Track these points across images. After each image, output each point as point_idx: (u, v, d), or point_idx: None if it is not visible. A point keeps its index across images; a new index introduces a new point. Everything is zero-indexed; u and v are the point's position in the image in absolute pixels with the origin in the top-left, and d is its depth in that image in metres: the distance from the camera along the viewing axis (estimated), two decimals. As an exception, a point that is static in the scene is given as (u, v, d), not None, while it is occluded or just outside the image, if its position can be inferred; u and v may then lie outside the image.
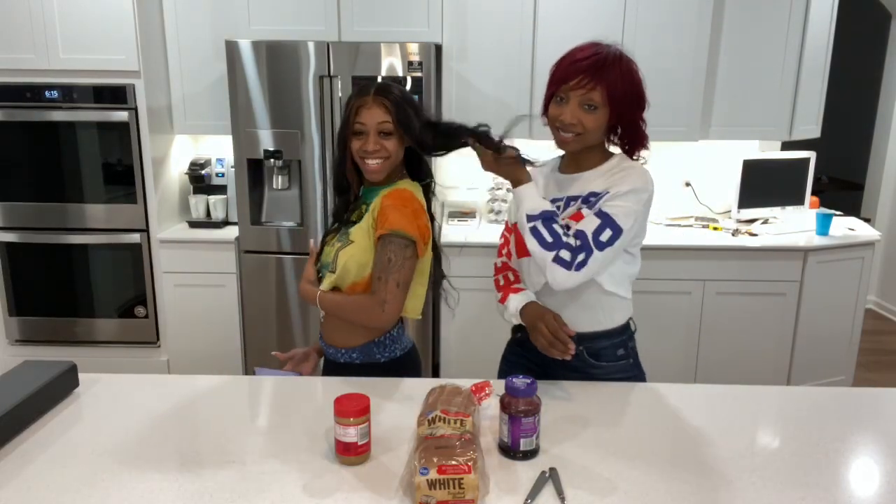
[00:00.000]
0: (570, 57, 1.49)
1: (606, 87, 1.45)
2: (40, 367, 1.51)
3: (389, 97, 1.59)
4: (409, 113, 1.59)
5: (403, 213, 1.57)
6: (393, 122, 1.58)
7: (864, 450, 1.30)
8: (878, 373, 3.85)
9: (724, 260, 3.16)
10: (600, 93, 1.45)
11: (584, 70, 1.45)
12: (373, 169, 1.60)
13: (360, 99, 1.60)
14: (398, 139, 1.60)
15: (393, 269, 1.56)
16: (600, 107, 1.47)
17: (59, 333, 3.36)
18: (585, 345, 1.57)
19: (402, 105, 1.59)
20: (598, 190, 1.52)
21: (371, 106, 1.58)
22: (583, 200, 1.53)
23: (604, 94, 1.45)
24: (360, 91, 1.62)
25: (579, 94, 1.46)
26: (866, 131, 5.02)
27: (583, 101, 1.46)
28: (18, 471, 1.22)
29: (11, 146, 3.14)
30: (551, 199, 1.56)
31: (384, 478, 1.20)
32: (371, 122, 1.58)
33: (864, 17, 5.19)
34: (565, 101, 1.48)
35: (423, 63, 2.97)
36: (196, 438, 1.34)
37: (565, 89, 1.47)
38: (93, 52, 3.03)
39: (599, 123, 1.48)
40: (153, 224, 3.24)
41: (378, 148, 1.58)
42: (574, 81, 1.46)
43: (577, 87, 1.46)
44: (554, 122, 1.51)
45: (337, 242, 1.66)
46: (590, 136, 1.50)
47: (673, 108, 3.27)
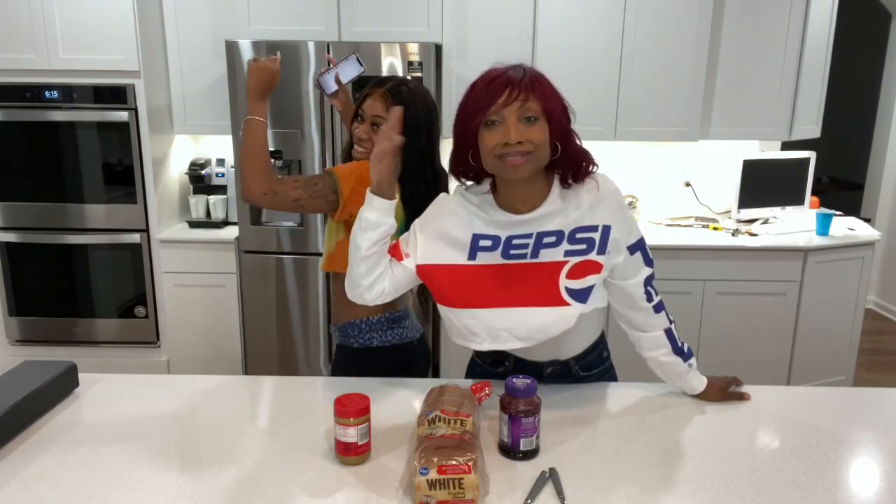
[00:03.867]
0: (483, 80, 1.32)
1: (538, 95, 1.29)
2: (40, 367, 1.51)
3: (396, 97, 1.59)
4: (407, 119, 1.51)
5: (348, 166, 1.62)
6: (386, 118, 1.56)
7: (864, 450, 1.30)
8: (878, 373, 3.85)
9: (724, 260, 3.16)
10: (535, 102, 1.28)
11: (510, 82, 1.29)
12: (357, 156, 1.65)
13: (371, 88, 1.63)
14: None
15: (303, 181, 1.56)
16: (539, 118, 1.29)
17: (59, 333, 3.36)
18: (580, 363, 1.54)
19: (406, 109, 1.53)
20: (583, 224, 1.37)
21: (376, 98, 1.61)
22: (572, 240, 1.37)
23: (539, 104, 1.28)
24: (378, 81, 1.65)
25: (514, 108, 1.27)
26: (866, 131, 5.02)
27: (521, 115, 1.28)
28: (18, 471, 1.22)
29: (11, 146, 3.14)
30: (510, 236, 1.38)
31: (384, 478, 1.20)
32: (369, 111, 1.62)
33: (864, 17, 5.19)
34: (500, 122, 1.28)
35: (423, 63, 2.97)
36: (196, 438, 1.34)
37: (495, 110, 1.28)
38: (93, 52, 3.03)
39: (545, 136, 1.29)
40: (153, 224, 3.24)
41: (366, 138, 1.62)
42: (504, 96, 1.27)
43: (510, 102, 1.27)
44: (493, 152, 1.29)
45: None
46: (540, 154, 1.30)
47: (673, 108, 3.27)
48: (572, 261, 1.37)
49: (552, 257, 1.37)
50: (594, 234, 1.37)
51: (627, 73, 3.23)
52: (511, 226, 1.39)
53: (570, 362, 1.53)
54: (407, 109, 1.54)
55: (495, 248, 1.39)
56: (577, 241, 1.37)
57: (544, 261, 1.38)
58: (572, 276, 1.37)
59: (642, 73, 3.23)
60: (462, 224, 1.41)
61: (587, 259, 1.37)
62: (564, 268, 1.37)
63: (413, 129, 1.56)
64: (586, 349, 1.55)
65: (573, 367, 1.54)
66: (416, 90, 1.65)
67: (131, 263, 3.27)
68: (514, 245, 1.39)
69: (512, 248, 1.39)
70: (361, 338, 1.70)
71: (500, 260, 1.39)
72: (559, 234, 1.37)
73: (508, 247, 1.39)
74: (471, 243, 1.40)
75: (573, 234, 1.37)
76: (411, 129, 1.55)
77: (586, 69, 3.23)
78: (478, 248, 1.40)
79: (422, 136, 1.62)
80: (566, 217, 1.38)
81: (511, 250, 1.39)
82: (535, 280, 1.38)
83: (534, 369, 1.53)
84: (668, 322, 1.49)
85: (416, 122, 1.59)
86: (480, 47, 3.20)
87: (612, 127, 3.28)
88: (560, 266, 1.37)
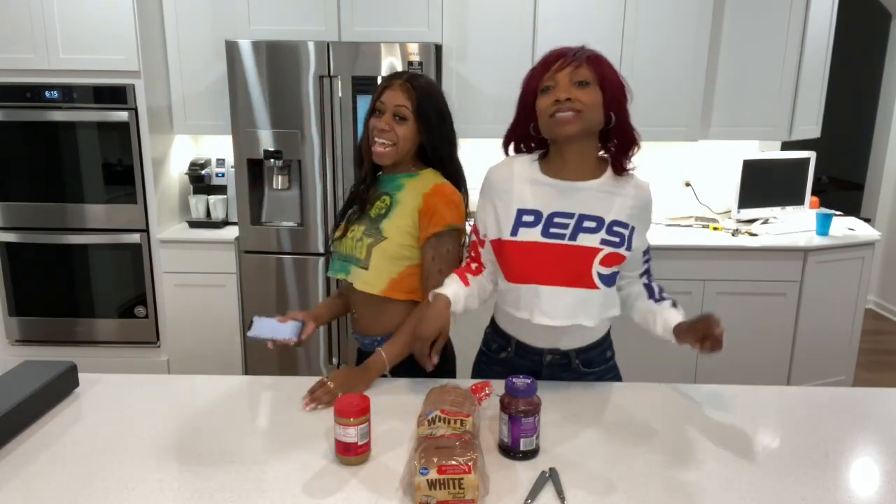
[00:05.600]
0: (544, 57, 1.43)
1: (593, 65, 1.38)
2: (40, 367, 1.51)
3: (415, 84, 1.58)
4: (430, 107, 1.58)
5: (451, 208, 1.59)
6: (411, 108, 1.56)
7: (864, 450, 1.30)
8: (878, 373, 3.85)
9: (724, 260, 3.16)
10: (588, 69, 1.37)
11: (565, 52, 1.39)
12: (379, 153, 1.59)
13: (388, 81, 1.61)
14: (412, 128, 1.58)
15: (452, 257, 1.62)
16: (592, 83, 1.37)
17: (59, 333, 3.36)
18: (581, 357, 1.56)
19: (426, 97, 1.58)
20: (621, 219, 1.46)
21: (395, 88, 1.58)
22: (609, 231, 1.44)
23: (592, 72, 1.38)
24: (392, 75, 1.63)
25: (567, 73, 1.37)
26: (866, 131, 5.02)
27: (573, 79, 1.37)
28: (18, 471, 1.22)
29: (11, 146, 3.14)
30: (552, 213, 1.45)
31: (384, 478, 1.20)
32: (390, 102, 1.57)
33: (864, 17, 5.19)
34: (553, 87, 1.39)
35: (423, 63, 2.97)
36: (196, 438, 1.34)
37: (549, 76, 1.39)
38: (93, 52, 3.03)
39: (596, 100, 1.38)
40: (153, 224, 3.23)
41: (388, 129, 1.57)
42: (558, 63, 1.38)
43: (563, 67, 1.37)
44: (546, 112, 1.39)
45: (366, 237, 1.62)
46: (590, 115, 1.38)
47: (673, 108, 3.27)
48: (606, 250, 1.44)
49: (589, 243, 1.44)
50: (626, 230, 1.46)
51: (627, 74, 3.18)
52: (555, 195, 1.45)
53: (571, 354, 1.54)
54: (429, 98, 1.58)
55: (536, 223, 1.45)
56: (614, 233, 1.45)
57: (581, 244, 1.44)
58: (605, 264, 1.44)
59: (642, 73, 3.23)
60: (507, 198, 1.48)
61: (617, 252, 1.45)
62: (599, 255, 1.43)
63: (440, 117, 1.60)
64: (589, 344, 1.56)
65: (573, 360, 1.55)
66: (430, 81, 1.65)
67: (131, 263, 3.27)
68: (555, 223, 1.44)
69: (552, 227, 1.45)
70: None
71: (540, 238, 1.45)
72: (600, 221, 1.45)
73: (549, 224, 1.45)
74: (514, 218, 1.47)
75: (611, 226, 1.45)
76: (439, 116, 1.60)
77: (586, 69, 3.22)
78: (520, 223, 1.46)
79: (447, 123, 1.63)
80: (610, 205, 1.46)
81: (551, 228, 1.45)
82: (569, 262, 1.44)
83: (534, 355, 1.54)
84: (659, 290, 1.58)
85: (440, 110, 1.60)
86: (480, 47, 3.20)
87: (612, 127, 3.28)
88: (595, 252, 1.43)
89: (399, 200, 1.61)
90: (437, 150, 1.62)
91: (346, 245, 1.67)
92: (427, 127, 1.58)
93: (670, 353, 3.25)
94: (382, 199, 1.64)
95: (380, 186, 1.68)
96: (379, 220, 1.62)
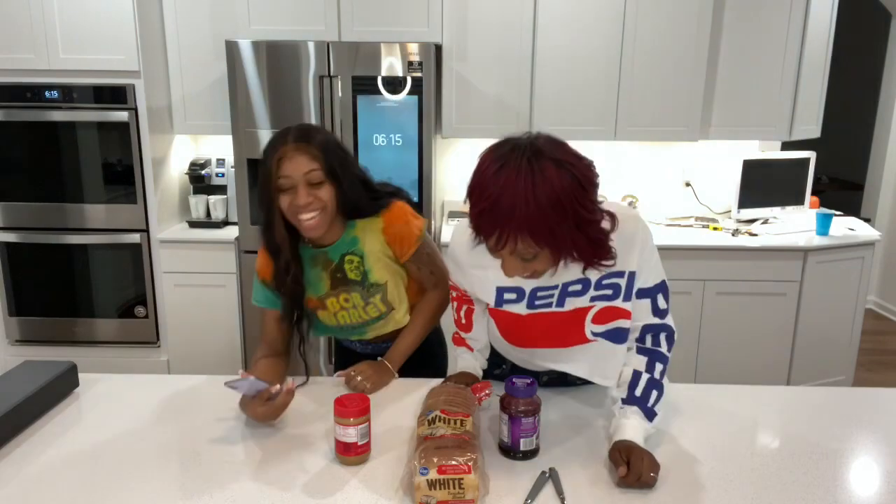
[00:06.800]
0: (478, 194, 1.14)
1: (531, 236, 1.11)
2: (40, 367, 1.51)
3: (312, 141, 1.40)
4: (339, 156, 1.44)
5: (409, 223, 1.58)
6: (322, 168, 1.41)
7: (864, 450, 1.30)
8: (878, 373, 3.85)
9: (724, 260, 3.16)
10: (528, 245, 1.12)
11: (494, 222, 1.11)
12: (310, 226, 1.44)
13: (278, 150, 1.40)
14: (329, 188, 1.43)
15: (434, 256, 1.65)
16: (540, 251, 1.14)
17: (59, 333, 3.36)
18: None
19: (330, 149, 1.42)
20: (609, 270, 1.30)
21: (293, 156, 1.39)
22: (599, 287, 1.32)
23: (532, 245, 1.12)
24: (277, 140, 1.42)
25: (506, 253, 1.17)
26: (866, 131, 5.02)
27: (519, 255, 1.16)
28: (18, 471, 1.22)
29: (11, 146, 3.14)
30: (534, 288, 1.34)
31: (384, 478, 1.20)
32: (297, 173, 1.39)
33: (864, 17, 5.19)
34: (502, 260, 1.21)
35: (423, 63, 2.97)
36: (196, 438, 1.34)
37: (490, 247, 1.17)
38: (93, 52, 3.03)
39: (550, 261, 1.18)
40: (153, 224, 3.23)
41: (310, 200, 1.41)
42: (493, 239, 1.13)
43: (501, 247, 1.14)
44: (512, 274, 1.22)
45: (370, 297, 1.60)
46: (549, 268, 1.21)
47: (673, 108, 3.27)
48: (598, 305, 1.34)
49: (578, 305, 1.35)
50: (621, 280, 1.31)
51: (627, 73, 3.23)
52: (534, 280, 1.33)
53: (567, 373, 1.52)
54: (329, 148, 1.43)
55: (520, 300, 1.37)
56: (604, 287, 1.32)
57: (570, 309, 1.35)
58: (598, 321, 1.35)
59: (642, 73, 3.23)
60: (483, 276, 1.39)
61: (612, 305, 1.33)
62: (590, 312, 1.35)
63: (345, 164, 1.46)
64: None
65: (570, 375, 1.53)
66: (317, 128, 1.48)
67: (131, 263, 3.27)
68: (539, 297, 1.36)
69: (537, 300, 1.36)
70: None
71: (525, 311, 1.38)
72: (585, 283, 1.33)
73: (533, 298, 1.36)
74: (496, 295, 1.39)
75: (600, 282, 1.32)
76: (344, 162, 1.45)
77: (586, 69, 3.23)
78: (503, 300, 1.39)
79: (351, 166, 1.49)
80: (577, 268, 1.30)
81: (536, 301, 1.36)
82: (560, 327, 1.38)
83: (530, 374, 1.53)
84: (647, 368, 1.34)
85: (343, 158, 1.46)
86: (480, 47, 3.20)
87: (612, 127, 3.28)
88: (586, 311, 1.35)
89: (365, 251, 1.58)
90: (356, 200, 1.49)
91: (350, 315, 1.63)
92: (340, 182, 1.44)
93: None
94: (349, 262, 1.57)
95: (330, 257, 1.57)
96: (364, 276, 1.59)
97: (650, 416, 1.29)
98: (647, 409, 1.29)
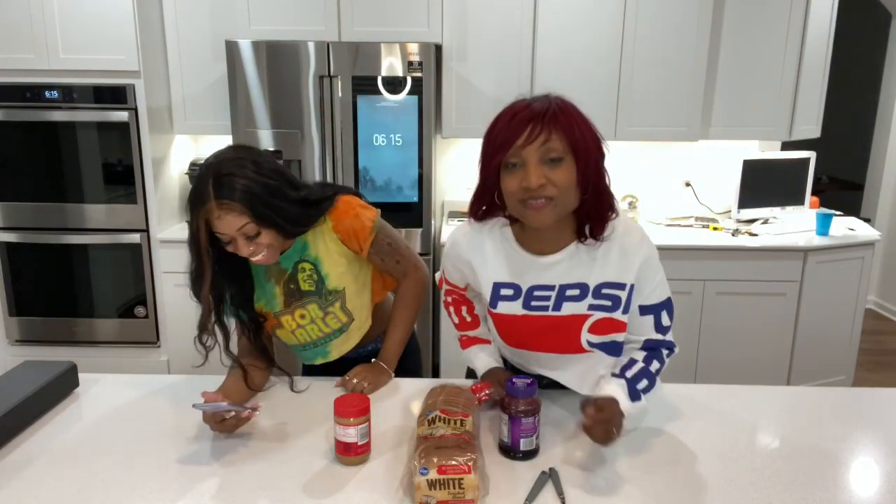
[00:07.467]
0: (506, 115, 1.21)
1: (563, 130, 1.17)
2: (40, 367, 1.51)
3: (234, 196, 1.33)
4: (265, 200, 1.36)
5: (358, 214, 1.52)
6: (253, 220, 1.35)
7: (864, 450, 1.30)
8: (878, 373, 3.85)
9: (724, 260, 3.16)
10: (559, 139, 1.17)
11: (532, 118, 1.18)
12: (263, 262, 1.45)
13: (200, 209, 1.34)
14: (269, 229, 1.39)
15: (397, 244, 1.61)
16: (565, 156, 1.18)
17: (59, 333, 3.36)
18: None
19: (254, 195, 1.34)
20: (610, 279, 1.29)
21: (219, 215, 1.34)
22: (597, 295, 1.30)
23: (564, 141, 1.17)
24: (197, 195, 1.34)
25: (535, 147, 1.17)
26: (866, 131, 5.01)
27: (543, 156, 1.17)
28: (18, 471, 1.22)
29: (11, 146, 3.14)
30: (531, 286, 1.33)
31: (384, 478, 1.20)
32: (229, 230, 1.36)
33: (864, 17, 5.19)
34: (520, 165, 1.19)
35: (423, 63, 2.97)
36: (196, 438, 1.34)
37: (515, 150, 1.18)
38: (93, 52, 3.03)
39: (570, 178, 1.19)
40: (153, 224, 3.23)
41: (252, 248, 1.40)
42: (524, 135, 1.17)
43: (531, 141, 1.16)
44: (515, 196, 1.21)
45: (328, 306, 1.56)
46: (565, 199, 1.20)
47: (673, 108, 3.27)
48: (596, 315, 1.32)
49: (575, 311, 1.33)
50: (621, 292, 1.30)
51: (627, 73, 3.23)
52: (533, 270, 1.32)
53: None
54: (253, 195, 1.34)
55: (516, 297, 1.35)
56: (603, 296, 1.30)
57: (567, 314, 1.33)
58: (595, 332, 1.34)
59: (642, 72, 3.23)
60: (481, 271, 1.38)
61: (610, 317, 1.32)
62: (587, 322, 1.33)
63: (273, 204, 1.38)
64: None
65: None
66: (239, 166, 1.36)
67: (131, 263, 3.27)
68: (536, 297, 1.33)
69: (533, 300, 1.34)
70: None
71: (521, 311, 1.35)
72: (583, 288, 1.31)
73: (530, 298, 1.34)
74: (492, 292, 1.37)
75: (598, 290, 1.30)
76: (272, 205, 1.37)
77: (586, 69, 3.22)
78: (499, 296, 1.36)
79: (286, 193, 1.41)
80: (592, 269, 1.30)
81: (532, 301, 1.34)
82: (556, 332, 1.36)
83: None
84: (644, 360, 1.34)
85: (269, 198, 1.37)
86: (480, 47, 3.20)
87: (612, 127, 3.28)
88: (582, 319, 1.33)
89: (319, 256, 1.54)
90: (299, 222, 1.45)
91: (308, 332, 1.60)
92: (276, 224, 1.39)
93: (670, 353, 3.25)
94: (302, 270, 1.54)
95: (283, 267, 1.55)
96: (320, 285, 1.55)
97: (634, 396, 1.29)
98: (634, 389, 1.30)
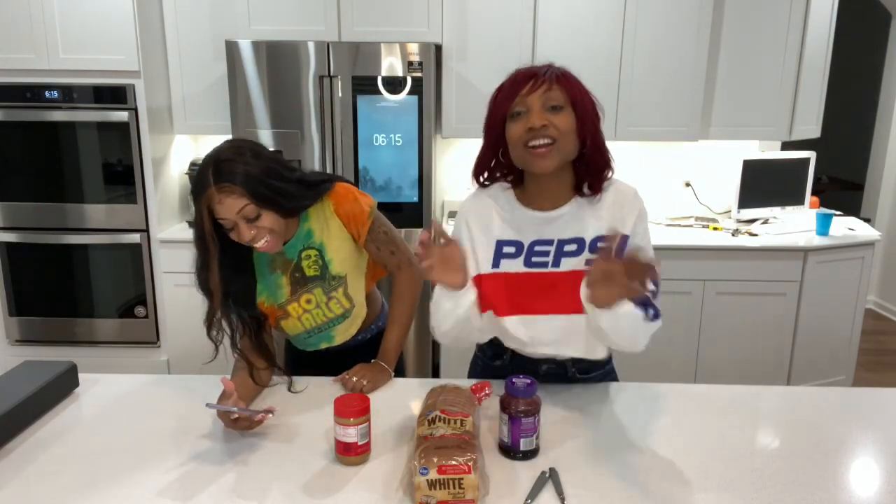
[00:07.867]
0: (510, 76, 1.35)
1: (564, 85, 1.30)
2: (40, 367, 1.51)
3: (234, 180, 1.37)
4: (265, 181, 1.39)
5: (357, 199, 1.58)
6: (253, 202, 1.38)
7: (864, 450, 1.30)
8: (878, 373, 3.85)
9: (724, 260, 3.16)
10: (560, 91, 1.30)
11: (535, 73, 1.31)
12: (266, 249, 1.47)
13: (202, 195, 1.39)
14: (270, 211, 1.42)
15: (393, 235, 1.64)
16: (565, 106, 1.30)
17: (59, 333, 3.36)
18: (577, 365, 1.54)
19: (253, 178, 1.38)
20: (605, 232, 1.37)
21: (220, 199, 1.38)
22: (593, 250, 1.38)
23: (565, 93, 1.30)
24: (199, 183, 1.40)
25: (538, 96, 1.29)
26: (866, 131, 5.02)
27: (545, 103, 1.29)
28: (18, 471, 1.22)
29: (11, 146, 3.14)
30: (532, 241, 1.40)
31: (384, 478, 1.20)
32: (230, 214, 1.39)
33: (864, 17, 5.19)
34: (524, 112, 1.30)
35: (423, 63, 2.97)
36: (196, 439, 1.34)
37: (520, 100, 1.30)
38: (93, 52, 3.03)
39: (570, 124, 1.30)
40: (153, 224, 3.23)
41: (254, 233, 1.42)
42: (528, 86, 1.30)
43: (534, 90, 1.29)
44: (520, 141, 1.31)
45: (323, 296, 1.59)
46: (565, 143, 1.31)
47: (673, 108, 3.27)
48: None
49: (573, 266, 1.38)
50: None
51: (627, 73, 3.23)
52: (534, 226, 1.39)
53: (567, 364, 1.53)
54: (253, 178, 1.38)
55: (518, 254, 1.41)
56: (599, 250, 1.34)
57: (566, 270, 1.38)
58: None
59: (642, 72, 3.23)
60: (486, 230, 1.43)
61: None
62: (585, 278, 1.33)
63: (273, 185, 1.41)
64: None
65: (569, 369, 1.54)
66: (237, 153, 1.41)
67: (131, 263, 3.27)
68: (537, 252, 1.39)
69: (534, 256, 1.40)
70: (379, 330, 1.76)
71: (523, 268, 1.40)
72: (580, 242, 1.38)
73: (531, 254, 1.40)
74: (495, 250, 1.42)
75: (594, 244, 1.38)
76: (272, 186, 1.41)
77: (586, 69, 3.19)
78: (501, 254, 1.42)
79: (283, 174, 1.45)
80: (588, 223, 1.38)
81: (533, 257, 1.40)
82: (556, 290, 1.39)
83: (530, 365, 1.53)
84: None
85: (268, 180, 1.40)
86: (480, 47, 3.20)
87: (612, 127, 3.28)
88: (581, 275, 1.32)
89: (323, 242, 1.57)
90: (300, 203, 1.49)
91: (314, 316, 1.62)
92: (275, 204, 1.42)
93: (670, 353, 3.25)
94: (307, 257, 1.57)
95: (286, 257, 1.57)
96: (324, 270, 1.58)
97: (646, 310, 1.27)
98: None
